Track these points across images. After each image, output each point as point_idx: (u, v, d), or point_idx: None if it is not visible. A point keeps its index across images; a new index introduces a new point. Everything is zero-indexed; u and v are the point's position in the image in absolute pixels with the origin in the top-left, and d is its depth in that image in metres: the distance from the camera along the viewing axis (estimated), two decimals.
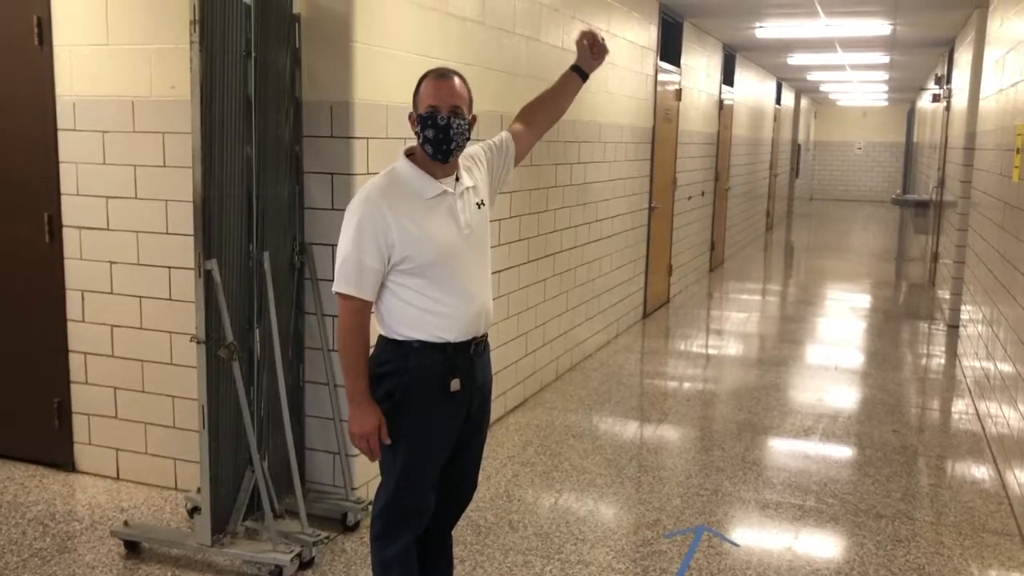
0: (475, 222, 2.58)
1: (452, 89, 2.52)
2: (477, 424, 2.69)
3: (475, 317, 2.56)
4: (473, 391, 2.61)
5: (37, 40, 4.02)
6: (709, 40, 10.37)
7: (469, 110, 2.56)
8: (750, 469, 4.63)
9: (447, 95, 2.50)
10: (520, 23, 5.16)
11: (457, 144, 2.51)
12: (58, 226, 4.13)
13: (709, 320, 8.92)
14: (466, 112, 2.53)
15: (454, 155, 2.53)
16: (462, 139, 2.52)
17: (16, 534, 3.64)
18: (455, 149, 2.51)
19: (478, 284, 2.58)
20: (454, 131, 2.48)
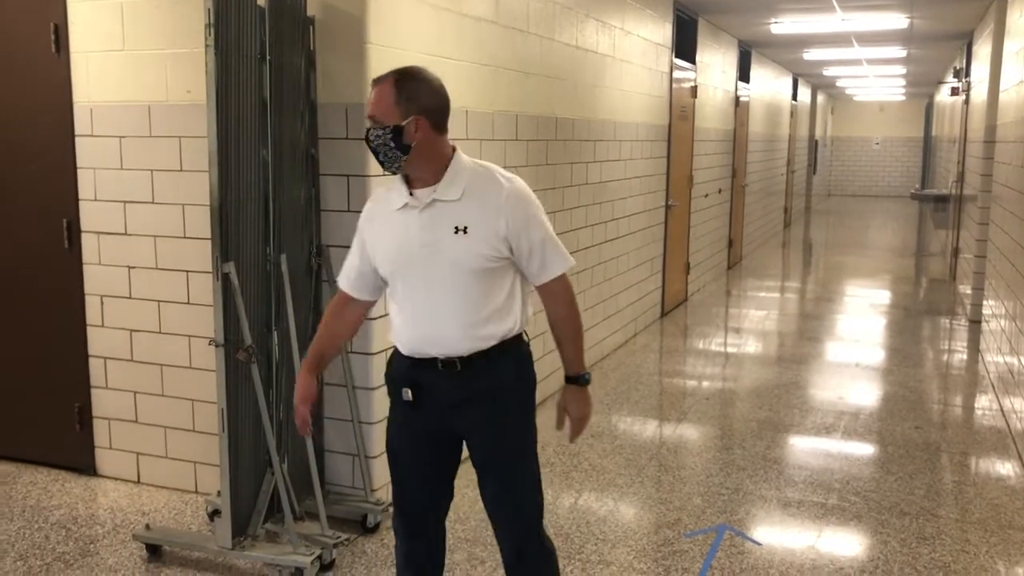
0: (445, 244, 2.36)
1: (374, 97, 2.35)
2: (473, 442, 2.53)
3: (421, 338, 2.43)
4: (441, 408, 2.47)
5: (54, 47, 4.04)
6: (724, 36, 10.32)
7: (400, 114, 2.31)
8: (771, 467, 4.60)
9: (370, 104, 2.36)
10: (534, 22, 5.15)
11: (385, 155, 2.34)
12: (77, 232, 4.15)
13: (728, 318, 8.87)
14: (388, 119, 2.31)
15: (388, 167, 2.36)
16: (386, 149, 2.33)
17: (39, 538, 3.66)
18: (386, 162, 2.35)
19: (431, 308, 2.40)
20: (374, 143, 2.34)
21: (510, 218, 2.38)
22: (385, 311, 3.84)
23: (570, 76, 5.75)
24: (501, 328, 2.44)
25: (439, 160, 2.40)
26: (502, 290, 2.43)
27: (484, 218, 2.37)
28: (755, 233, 13.34)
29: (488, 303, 2.41)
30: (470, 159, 2.48)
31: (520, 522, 2.57)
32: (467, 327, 2.40)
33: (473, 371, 2.44)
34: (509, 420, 2.53)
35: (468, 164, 2.45)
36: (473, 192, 2.39)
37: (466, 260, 2.37)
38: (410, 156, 2.34)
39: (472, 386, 2.45)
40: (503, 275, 2.42)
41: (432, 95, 2.38)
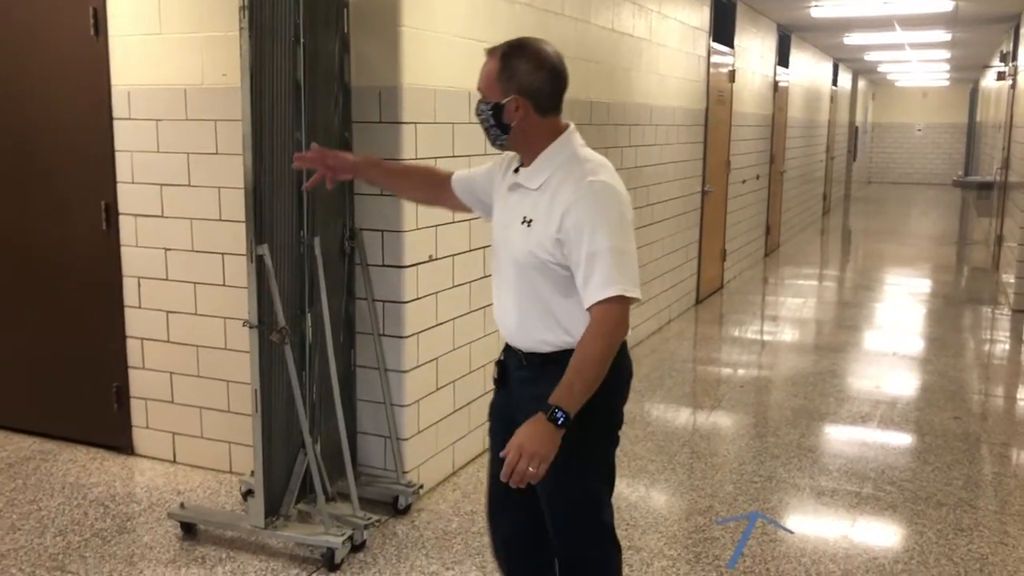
0: (512, 232, 2.29)
1: (483, 70, 2.27)
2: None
3: (497, 320, 2.42)
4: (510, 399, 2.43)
5: (93, 31, 4.08)
6: (763, 20, 10.17)
7: (501, 91, 2.23)
8: (805, 456, 4.55)
9: (479, 77, 2.29)
10: (569, 5, 5.11)
11: (487, 132, 2.29)
12: (114, 214, 4.20)
13: (764, 306, 8.78)
14: (490, 95, 2.25)
15: (494, 143, 2.31)
16: (487, 126, 2.27)
17: (79, 514, 3.73)
18: (490, 139, 2.30)
19: (499, 291, 2.38)
20: (479, 118, 2.29)
21: (565, 219, 2.16)
22: (417, 295, 3.86)
23: (605, 59, 5.71)
24: (559, 337, 2.27)
25: (540, 144, 2.27)
26: (568, 296, 2.23)
27: (548, 215, 2.20)
28: (793, 220, 13.18)
29: (543, 305, 2.26)
30: (577, 149, 2.28)
31: (561, 542, 2.43)
32: (521, 324, 2.31)
33: (531, 371, 2.34)
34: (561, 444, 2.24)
35: (566, 154, 2.26)
36: (552, 185, 2.22)
37: (521, 254, 2.25)
38: (511, 136, 2.26)
39: (529, 389, 2.33)
40: (569, 280, 2.21)
41: (536, 75, 2.22)
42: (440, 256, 3.98)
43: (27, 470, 4.17)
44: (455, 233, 4.08)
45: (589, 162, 2.25)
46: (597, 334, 2.16)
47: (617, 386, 2.32)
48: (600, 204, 2.17)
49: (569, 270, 2.21)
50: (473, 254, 4.22)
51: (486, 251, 4.29)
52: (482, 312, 4.31)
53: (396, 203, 3.72)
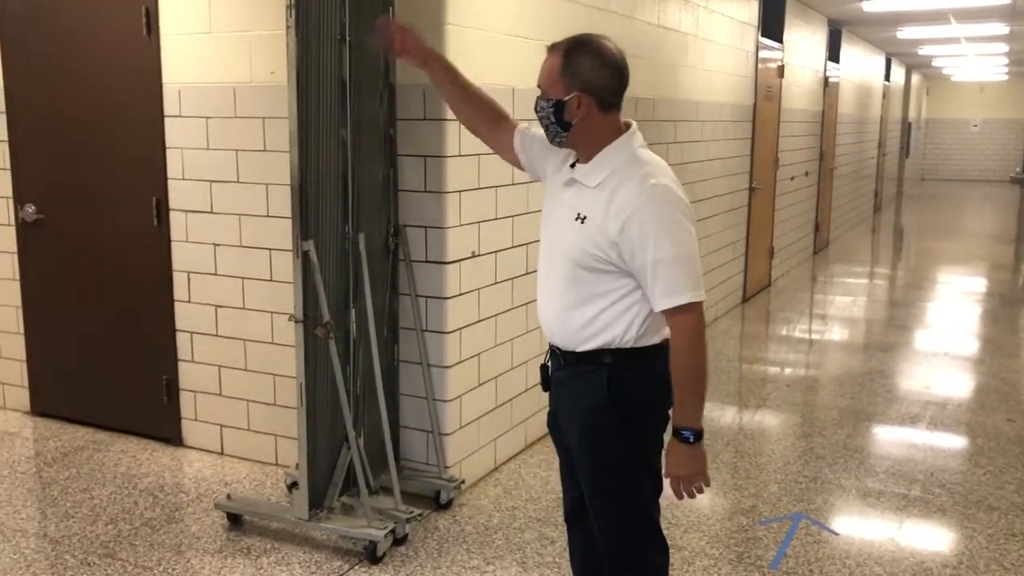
0: (564, 227, 2.28)
1: (544, 67, 2.26)
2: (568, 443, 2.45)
3: (539, 316, 2.41)
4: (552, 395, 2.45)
5: (145, 30, 4.17)
6: (813, 15, 10.02)
7: (564, 88, 2.21)
8: (852, 456, 4.48)
9: (540, 74, 2.27)
10: (615, 1, 5.08)
11: (546, 129, 2.28)
12: (165, 210, 4.28)
13: (812, 304, 8.67)
14: (552, 92, 2.22)
15: (554, 141, 2.29)
16: (548, 123, 2.25)
17: (129, 503, 3.82)
18: (550, 136, 2.29)
19: (545, 285, 2.37)
20: (540, 116, 2.27)
21: (627, 224, 2.14)
22: (460, 291, 3.88)
23: (651, 55, 5.67)
24: (596, 336, 2.26)
25: (600, 142, 2.25)
26: (609, 295, 2.23)
27: (605, 214, 2.18)
28: (843, 217, 12.98)
29: (588, 302, 2.26)
30: (637, 150, 2.26)
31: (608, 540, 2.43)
32: (564, 320, 2.30)
33: (568, 370, 2.34)
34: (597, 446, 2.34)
35: (626, 154, 2.24)
36: (611, 183, 2.21)
37: (572, 250, 2.24)
38: (571, 134, 2.25)
39: (565, 389, 2.36)
40: (614, 280, 2.22)
41: (600, 71, 2.20)
42: (483, 252, 3.99)
43: (80, 459, 4.28)
44: (498, 230, 4.09)
45: (649, 164, 2.24)
46: (684, 349, 2.20)
47: (658, 390, 2.31)
48: (664, 209, 2.16)
49: (619, 271, 2.21)
50: (515, 251, 4.23)
51: (529, 248, 4.30)
52: (524, 309, 4.32)
53: (439, 200, 3.74)
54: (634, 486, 2.38)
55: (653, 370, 2.30)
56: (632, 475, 2.36)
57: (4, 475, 4.10)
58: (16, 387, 4.93)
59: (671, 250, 2.14)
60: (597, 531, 2.44)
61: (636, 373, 2.30)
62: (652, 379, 2.31)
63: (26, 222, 4.67)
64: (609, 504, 2.40)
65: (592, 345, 2.28)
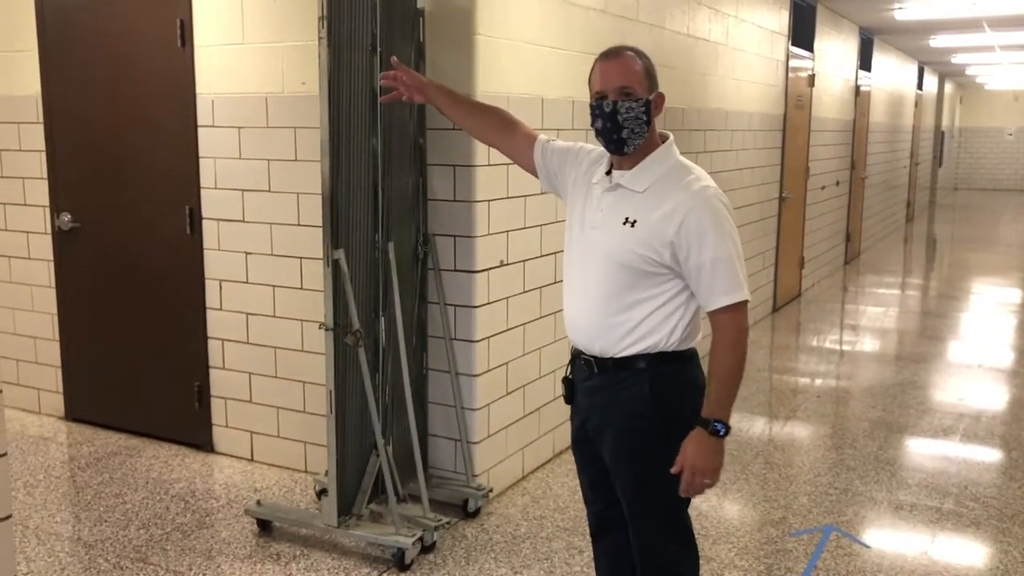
0: (609, 231, 2.27)
1: (621, 68, 2.23)
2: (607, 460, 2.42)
3: (568, 322, 2.41)
4: (585, 411, 2.43)
5: (180, 41, 4.23)
6: (844, 23, 9.96)
7: (648, 88, 2.24)
8: (883, 469, 4.43)
9: (615, 75, 2.22)
10: (644, 10, 5.09)
11: (631, 130, 2.22)
12: (198, 218, 4.34)
13: (843, 315, 8.59)
14: (640, 91, 2.22)
15: (628, 145, 2.24)
16: (636, 123, 2.21)
17: (161, 509, 3.86)
18: (628, 137, 2.23)
19: (579, 292, 2.35)
20: (623, 116, 2.20)
21: (685, 223, 2.18)
22: (488, 299, 3.89)
23: (680, 64, 5.67)
24: (646, 340, 2.26)
25: (650, 146, 2.29)
26: (654, 299, 2.25)
27: (658, 217, 2.21)
28: (875, 227, 12.86)
29: (633, 307, 2.26)
30: (679, 156, 2.33)
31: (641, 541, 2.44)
32: (608, 327, 2.29)
33: (602, 378, 2.33)
34: (639, 453, 2.33)
35: (671, 161, 2.30)
36: (659, 188, 2.25)
37: (620, 253, 2.24)
38: (649, 134, 2.27)
39: (599, 396, 2.35)
40: (660, 283, 2.25)
41: (657, 75, 2.30)
42: (511, 261, 4.01)
43: (113, 465, 4.33)
44: (527, 239, 4.10)
45: (694, 169, 2.31)
46: (731, 344, 2.22)
47: (694, 396, 2.31)
48: (715, 211, 2.22)
49: (669, 272, 2.23)
50: (544, 259, 4.23)
51: (557, 257, 4.30)
52: (552, 318, 4.32)
53: (469, 209, 3.76)
54: (673, 493, 2.36)
55: (692, 374, 2.33)
56: (671, 481, 2.34)
57: (39, 479, 4.16)
58: (51, 392, 5.01)
59: (728, 249, 2.20)
60: (633, 539, 2.44)
61: (676, 378, 2.32)
62: (691, 383, 2.33)
63: (62, 230, 4.75)
64: (648, 511, 2.40)
65: (633, 351, 2.28)
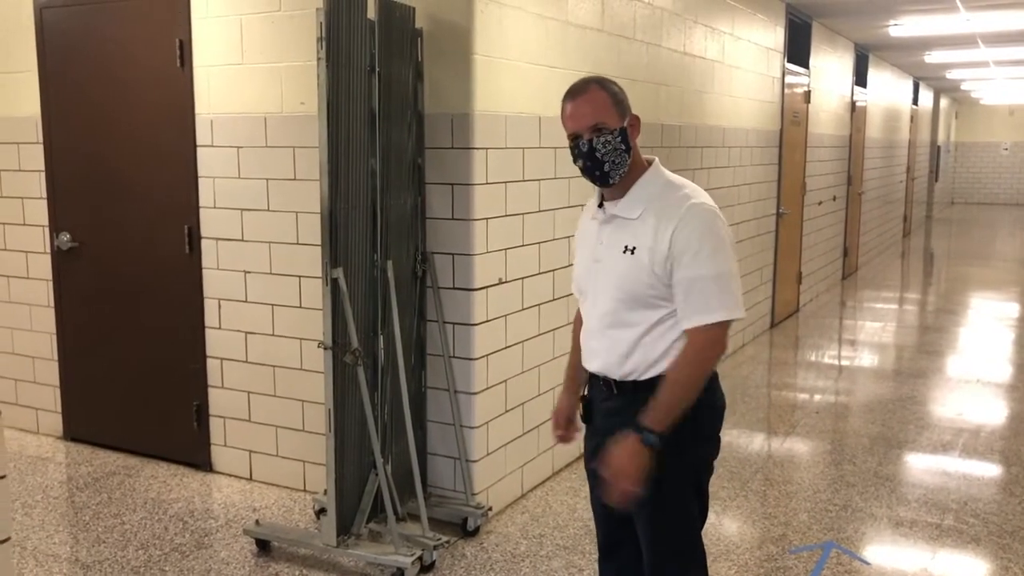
0: (613, 262, 2.28)
1: (589, 105, 2.24)
2: None
3: (586, 351, 2.41)
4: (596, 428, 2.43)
5: (179, 62, 4.25)
6: (840, 40, 10.02)
7: (620, 116, 2.25)
8: (883, 484, 4.43)
9: (585, 114, 2.24)
10: (640, 29, 5.12)
11: (612, 163, 2.23)
12: (197, 237, 4.35)
13: (842, 330, 8.60)
14: (612, 122, 2.23)
15: (613, 176, 2.26)
16: (616, 155, 2.22)
17: (159, 529, 3.85)
18: (611, 170, 2.24)
19: (595, 324, 2.35)
20: (602, 152, 2.22)
21: (674, 238, 2.18)
22: (487, 317, 3.90)
23: (676, 82, 5.70)
24: (663, 363, 2.25)
25: (634, 171, 2.29)
26: (665, 321, 2.25)
27: (655, 239, 2.21)
28: (872, 242, 12.89)
29: (647, 333, 2.26)
30: (668, 175, 2.32)
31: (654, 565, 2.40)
32: (626, 357, 2.29)
33: (622, 399, 2.32)
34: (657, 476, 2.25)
35: (659, 182, 2.29)
36: (652, 211, 2.24)
37: (626, 282, 2.25)
38: (631, 159, 2.27)
39: (618, 419, 2.31)
40: (669, 307, 2.24)
41: (626, 98, 2.30)
42: (510, 279, 4.01)
43: (112, 484, 4.32)
44: (525, 256, 4.11)
45: (685, 187, 2.31)
46: (691, 359, 2.20)
47: (711, 416, 2.33)
48: (704, 227, 2.21)
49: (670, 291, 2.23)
50: (543, 277, 4.24)
51: (556, 274, 4.32)
52: (551, 335, 4.32)
53: (467, 227, 3.77)
54: (687, 512, 2.37)
55: (710, 395, 2.31)
56: (686, 501, 2.36)
57: (37, 500, 4.15)
58: (50, 412, 5.00)
59: (710, 267, 2.18)
60: (646, 557, 2.42)
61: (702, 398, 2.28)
62: (709, 404, 2.32)
63: (61, 250, 4.76)
64: (663, 531, 2.38)
65: (652, 373, 2.28)
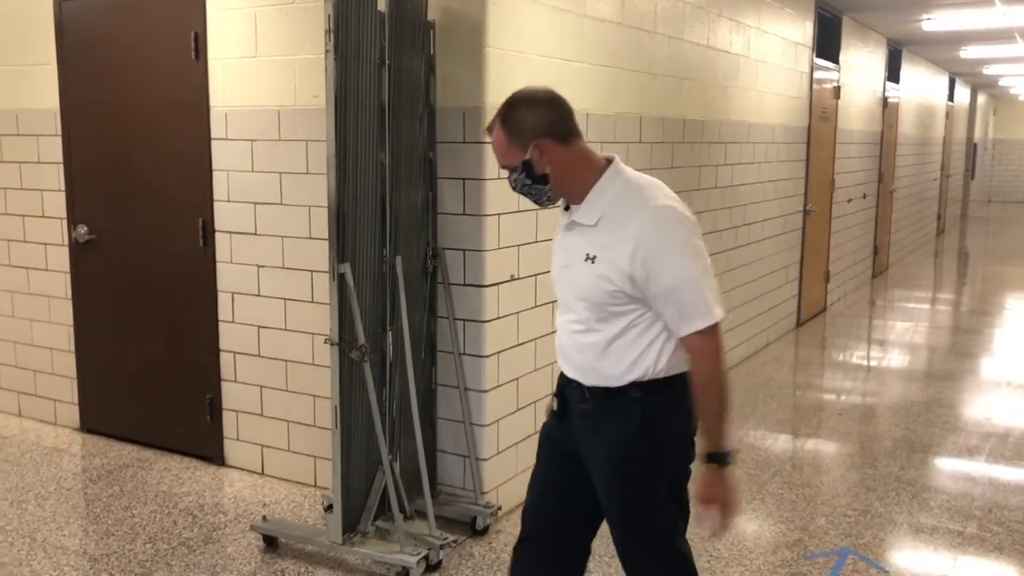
0: (575, 270, 2.24)
1: (494, 146, 2.26)
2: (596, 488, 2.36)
3: (562, 357, 2.37)
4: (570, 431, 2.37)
5: (194, 54, 4.24)
6: (871, 35, 9.84)
7: (520, 149, 2.19)
8: (904, 490, 4.32)
9: (496, 155, 2.28)
10: (662, 22, 5.03)
11: (529, 195, 2.26)
12: (211, 231, 4.33)
13: (870, 330, 8.45)
14: (513, 160, 2.21)
15: (541, 203, 2.29)
16: (526, 189, 2.24)
17: (168, 523, 3.84)
18: (536, 199, 2.27)
19: (562, 330, 2.33)
20: (517, 188, 2.26)
21: (638, 253, 2.11)
22: (498, 314, 3.84)
23: (699, 77, 5.60)
24: (634, 371, 2.20)
25: (583, 175, 2.22)
26: (632, 329, 2.20)
27: (615, 249, 2.14)
28: (904, 241, 12.67)
29: (615, 340, 2.21)
30: (628, 175, 2.24)
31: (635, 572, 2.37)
32: (595, 366, 2.25)
33: (594, 403, 2.28)
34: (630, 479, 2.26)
35: (617, 184, 2.21)
36: (611, 216, 2.17)
37: (589, 291, 2.20)
38: (552, 183, 2.22)
39: (591, 421, 2.29)
40: (634, 312, 2.19)
41: (535, 111, 2.20)
42: (522, 276, 3.96)
43: (124, 477, 4.33)
44: (538, 253, 4.05)
45: (646, 188, 2.22)
46: (707, 364, 2.18)
47: (682, 418, 2.27)
48: (670, 230, 2.15)
49: (637, 301, 2.18)
50: None
51: None
52: None
53: (478, 222, 3.72)
54: (665, 518, 2.32)
55: (684, 399, 2.25)
56: (663, 507, 2.31)
57: (50, 491, 4.17)
58: (67, 404, 5.03)
59: (683, 273, 2.13)
60: (626, 566, 2.38)
61: (668, 404, 2.25)
62: (683, 408, 2.26)
63: (78, 242, 4.77)
64: (641, 537, 2.34)
65: (623, 381, 2.23)
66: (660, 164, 5.16)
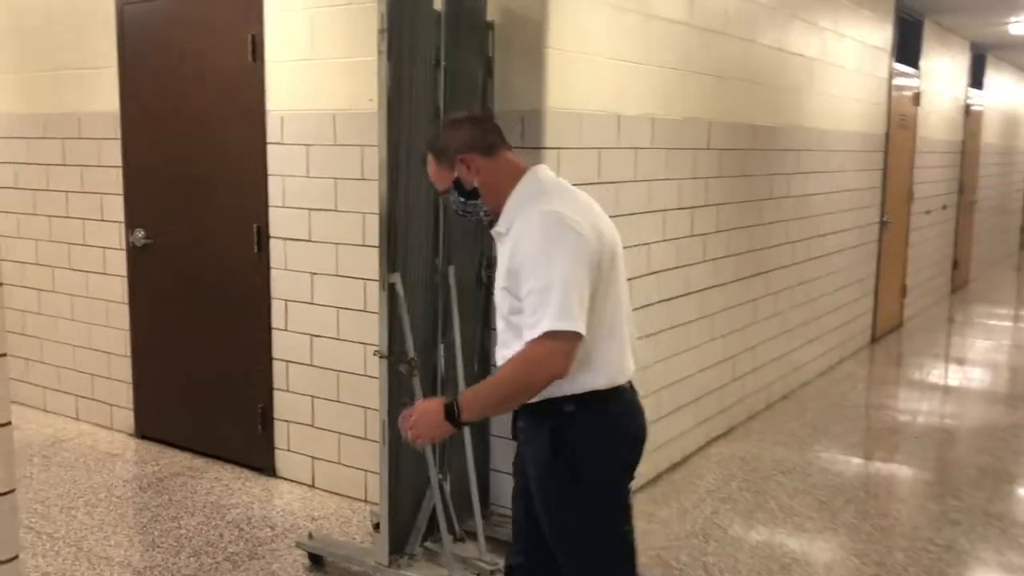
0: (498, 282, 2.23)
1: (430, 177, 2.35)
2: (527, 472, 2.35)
3: None
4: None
5: (251, 57, 4.17)
6: (954, 39, 9.42)
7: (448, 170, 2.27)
8: (992, 524, 4.02)
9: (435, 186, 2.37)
10: (733, 23, 4.82)
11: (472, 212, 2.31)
12: (265, 237, 4.26)
13: (949, 347, 8.05)
14: (443, 183, 2.29)
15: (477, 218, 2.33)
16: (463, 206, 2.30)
17: (214, 536, 3.76)
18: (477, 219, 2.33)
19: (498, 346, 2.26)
20: (457, 211, 2.34)
21: (516, 252, 2.12)
22: None
23: (771, 81, 5.36)
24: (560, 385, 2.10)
25: (509, 185, 2.23)
26: None
27: (508, 257, 2.17)
28: (985, 254, 12.13)
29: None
30: (541, 184, 2.23)
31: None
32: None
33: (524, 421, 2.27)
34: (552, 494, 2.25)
35: (527, 193, 2.20)
36: (516, 226, 2.17)
37: (501, 302, 2.20)
38: (483, 195, 2.25)
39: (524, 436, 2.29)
40: None
41: (457, 130, 2.28)
42: None
43: (174, 486, 4.27)
44: None
45: (549, 194, 2.19)
46: (519, 367, 2.08)
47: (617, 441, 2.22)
48: (543, 233, 2.09)
49: None
50: None
51: (633, 283, 4.06)
52: None
53: None
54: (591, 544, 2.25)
55: (608, 417, 2.19)
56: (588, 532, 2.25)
57: (101, 499, 4.12)
58: (123, 409, 5.01)
59: (542, 277, 2.05)
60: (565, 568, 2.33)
61: (580, 424, 2.17)
62: (600, 430, 2.18)
63: (136, 246, 4.75)
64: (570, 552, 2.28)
65: (539, 398, 2.14)
66: (730, 172, 4.93)
